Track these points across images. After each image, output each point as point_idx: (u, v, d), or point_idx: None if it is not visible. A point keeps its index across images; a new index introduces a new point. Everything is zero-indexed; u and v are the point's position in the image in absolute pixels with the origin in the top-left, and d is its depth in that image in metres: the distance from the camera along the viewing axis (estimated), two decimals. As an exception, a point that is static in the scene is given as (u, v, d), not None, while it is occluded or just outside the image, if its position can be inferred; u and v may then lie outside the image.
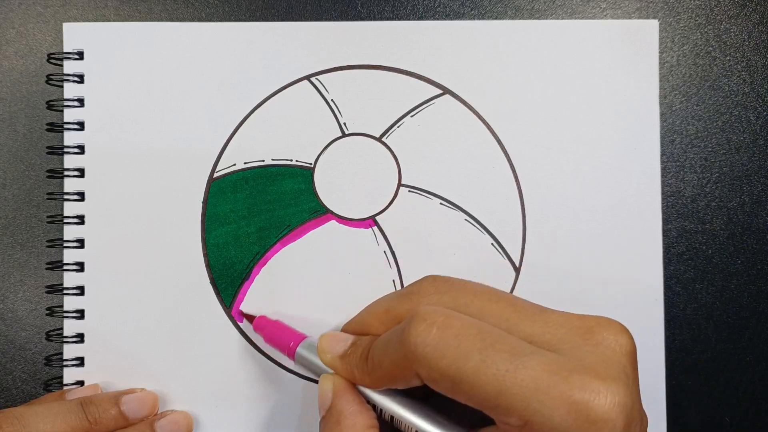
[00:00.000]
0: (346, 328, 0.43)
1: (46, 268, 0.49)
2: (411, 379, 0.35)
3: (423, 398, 0.38)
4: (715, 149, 0.49)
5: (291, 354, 0.43)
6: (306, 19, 0.49)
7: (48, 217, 0.49)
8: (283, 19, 0.50)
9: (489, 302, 0.36)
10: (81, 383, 0.49)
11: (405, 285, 0.48)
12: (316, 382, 0.42)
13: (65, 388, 0.48)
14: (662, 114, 0.49)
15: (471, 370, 0.32)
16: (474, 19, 0.49)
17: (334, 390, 0.39)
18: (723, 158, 0.49)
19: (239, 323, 0.49)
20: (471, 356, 0.32)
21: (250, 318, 0.47)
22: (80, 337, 0.49)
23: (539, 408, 0.31)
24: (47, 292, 0.49)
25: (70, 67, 0.50)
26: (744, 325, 0.49)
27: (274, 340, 0.45)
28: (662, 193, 0.49)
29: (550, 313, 0.36)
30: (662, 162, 0.49)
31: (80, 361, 0.49)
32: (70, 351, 0.49)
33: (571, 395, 0.31)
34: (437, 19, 0.49)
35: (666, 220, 0.49)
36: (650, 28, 0.49)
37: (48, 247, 0.50)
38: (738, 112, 0.49)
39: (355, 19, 0.50)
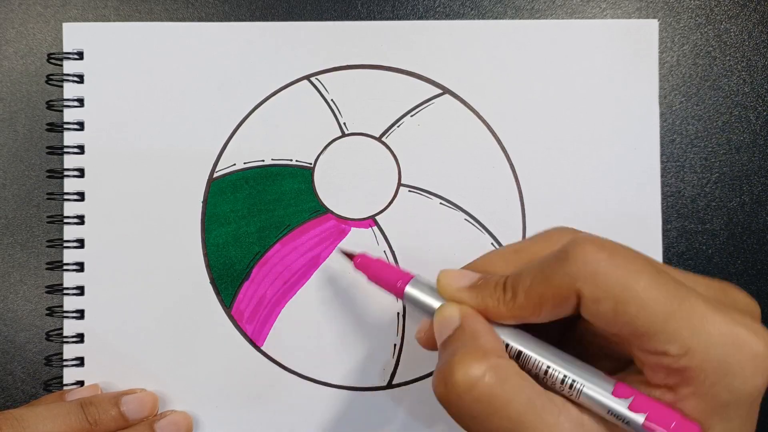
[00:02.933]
0: (468, 268, 0.39)
1: (46, 268, 0.49)
2: (564, 303, 0.33)
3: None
4: (715, 149, 0.49)
5: (399, 293, 0.39)
6: (306, 19, 0.49)
7: (48, 217, 0.49)
8: (283, 19, 0.50)
9: (637, 252, 0.35)
10: (81, 383, 0.49)
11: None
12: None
13: (65, 388, 0.49)
14: (662, 114, 0.49)
15: (641, 290, 0.31)
16: (474, 19, 0.49)
17: (462, 314, 0.36)
18: (723, 158, 0.49)
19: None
20: (641, 277, 0.31)
21: (350, 256, 0.44)
22: (80, 337, 0.49)
23: (704, 337, 0.30)
24: (47, 292, 0.49)
25: (69, 67, 0.50)
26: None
27: (380, 278, 0.41)
28: (662, 193, 0.49)
29: (692, 274, 0.35)
30: (662, 162, 0.49)
31: (80, 361, 0.49)
32: (70, 351, 0.49)
33: (734, 330, 0.30)
34: (437, 19, 0.49)
35: (666, 220, 0.49)
36: (650, 28, 0.49)
37: (48, 247, 0.50)
38: (738, 112, 0.49)
39: (355, 19, 0.50)
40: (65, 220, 0.49)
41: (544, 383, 0.34)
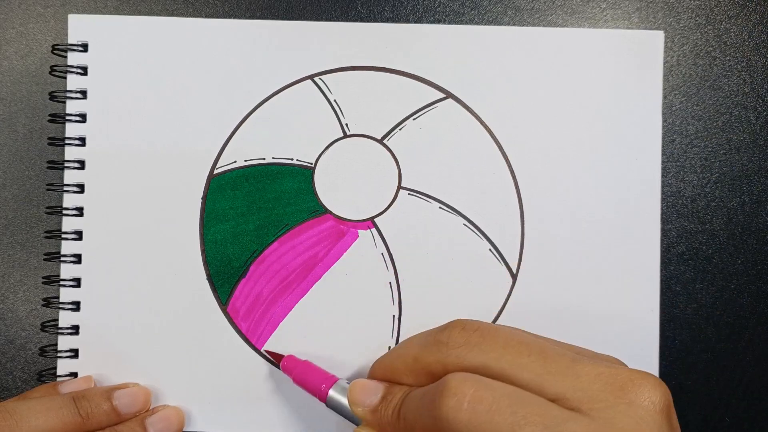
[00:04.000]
0: (373, 373, 0.43)
1: (44, 259, 0.49)
2: None
3: None
4: (715, 149, 0.49)
5: (323, 397, 0.43)
6: (306, 19, 0.50)
7: (47, 207, 0.49)
8: (283, 19, 0.50)
9: (520, 356, 0.36)
10: (74, 375, 0.49)
11: (402, 289, 0.49)
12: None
13: (58, 379, 0.48)
14: (662, 114, 0.49)
15: None
16: (474, 19, 0.49)
17: None
18: (723, 158, 0.49)
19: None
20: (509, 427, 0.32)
21: (278, 357, 0.47)
22: (75, 329, 0.49)
23: None
24: (44, 283, 0.49)
25: (74, 58, 0.50)
26: (744, 325, 0.48)
27: (304, 381, 0.45)
28: (662, 193, 0.48)
29: (582, 366, 0.35)
30: (662, 162, 0.48)
31: (74, 353, 0.49)
32: (64, 342, 0.49)
33: None
34: (437, 19, 0.49)
35: (666, 220, 0.49)
36: (655, 40, 0.49)
37: (46, 238, 0.50)
38: (738, 112, 0.49)
39: (355, 19, 0.50)
40: (64, 211, 0.49)
41: None
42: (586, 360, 0.35)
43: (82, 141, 0.49)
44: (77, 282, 0.49)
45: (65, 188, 0.49)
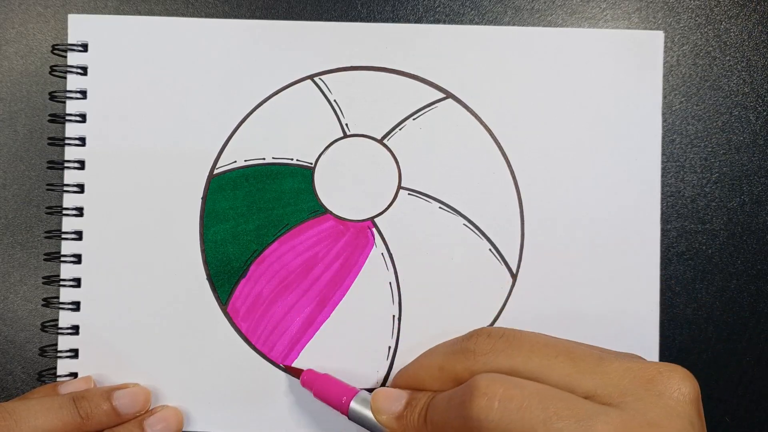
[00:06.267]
0: (397, 382, 0.44)
1: (44, 259, 0.49)
2: None
3: None
4: (715, 149, 0.49)
5: (344, 410, 0.43)
6: (306, 19, 0.50)
7: (47, 207, 0.49)
8: (282, 19, 0.50)
9: (547, 358, 0.36)
10: (74, 375, 0.49)
11: (402, 289, 0.49)
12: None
13: (58, 380, 0.48)
14: (662, 114, 0.49)
15: None
16: (474, 19, 0.49)
17: None
18: (723, 158, 0.49)
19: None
20: (536, 429, 0.32)
21: (297, 372, 0.47)
22: (75, 329, 0.49)
23: None
24: (44, 283, 0.49)
25: (74, 58, 0.50)
26: (744, 325, 0.48)
27: (325, 395, 0.45)
28: (662, 193, 0.48)
29: (609, 362, 0.35)
30: (662, 162, 0.48)
31: (74, 353, 0.49)
32: (64, 342, 0.49)
33: None
34: (437, 19, 0.49)
35: (666, 220, 0.49)
36: (655, 40, 0.49)
37: (46, 238, 0.50)
38: (738, 112, 0.49)
39: (355, 19, 0.50)
40: (64, 211, 0.49)
41: None
42: (612, 357, 0.36)
43: (82, 141, 0.49)
44: (77, 282, 0.49)
45: (65, 188, 0.49)
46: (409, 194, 0.49)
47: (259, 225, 0.49)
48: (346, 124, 0.49)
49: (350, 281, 0.49)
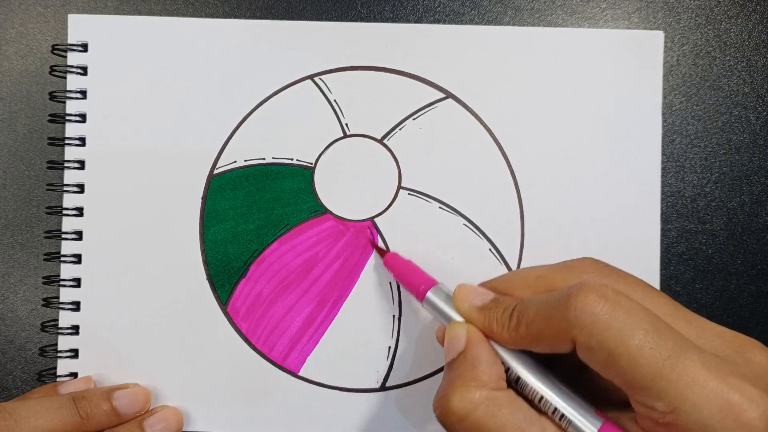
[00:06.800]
0: (486, 285, 0.42)
1: (44, 259, 0.49)
2: (560, 343, 0.34)
3: (551, 368, 0.38)
4: (715, 149, 0.49)
5: (420, 296, 0.43)
6: (306, 19, 0.50)
7: (47, 207, 0.49)
8: (282, 19, 0.50)
9: (650, 295, 0.36)
10: (74, 375, 0.49)
11: (402, 289, 0.49)
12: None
13: (58, 380, 0.49)
14: (662, 114, 0.49)
15: (634, 348, 0.31)
16: (474, 19, 0.49)
17: (468, 336, 0.38)
18: (723, 158, 0.49)
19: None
20: (636, 334, 0.32)
21: (382, 252, 0.48)
22: (75, 329, 0.49)
23: (692, 399, 0.31)
24: (44, 283, 0.49)
25: (74, 58, 0.50)
26: (744, 325, 0.48)
27: (405, 279, 0.45)
28: (662, 193, 0.48)
29: (706, 322, 0.35)
30: (662, 162, 0.49)
31: (74, 353, 0.49)
32: (64, 342, 0.49)
33: (726, 394, 0.31)
34: (437, 19, 0.49)
35: (666, 220, 0.49)
36: (655, 40, 0.49)
37: (46, 238, 0.50)
38: (738, 112, 0.49)
39: (355, 20, 0.50)
40: (64, 211, 0.49)
41: (539, 409, 0.36)
42: (707, 320, 0.36)
43: (82, 141, 0.49)
44: (77, 282, 0.49)
45: (65, 188, 0.49)
46: (409, 194, 0.49)
47: (259, 225, 0.49)
48: (346, 124, 0.49)
49: (353, 282, 0.49)
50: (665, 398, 0.31)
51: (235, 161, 0.49)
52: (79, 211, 0.49)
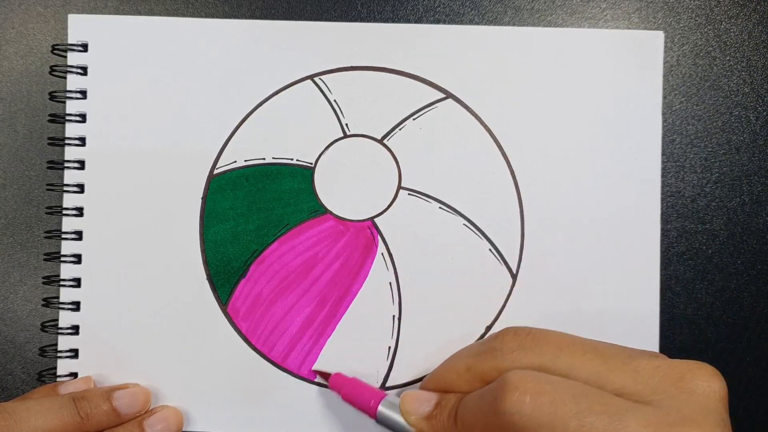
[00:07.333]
0: (425, 386, 0.43)
1: (44, 259, 0.49)
2: None
3: None
4: (715, 149, 0.49)
5: (372, 413, 0.43)
6: (306, 19, 0.50)
7: (47, 207, 0.49)
8: (282, 19, 0.50)
9: (575, 356, 0.36)
10: (74, 375, 0.49)
11: (402, 289, 0.49)
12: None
13: (58, 380, 0.48)
14: (662, 114, 0.49)
15: None
16: (474, 19, 0.49)
17: None
18: (723, 158, 0.49)
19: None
20: (568, 423, 0.32)
21: (325, 375, 0.48)
22: (75, 329, 0.49)
23: None
24: (44, 283, 0.49)
25: (74, 58, 0.50)
26: (744, 325, 0.48)
27: (353, 398, 0.45)
28: (662, 194, 0.48)
29: (639, 361, 0.35)
30: (662, 162, 0.49)
31: (74, 353, 0.49)
32: (64, 342, 0.49)
33: None
34: (437, 19, 0.49)
35: (666, 220, 0.49)
36: (655, 40, 0.49)
37: (46, 238, 0.50)
38: (738, 112, 0.49)
39: (355, 20, 0.50)
40: (64, 211, 0.49)
41: None
42: (639, 355, 0.36)
43: (82, 141, 0.49)
44: (77, 282, 0.49)
45: (65, 188, 0.49)
46: (409, 194, 0.49)
47: (259, 225, 0.49)
48: (346, 124, 0.49)
49: (353, 282, 0.49)
50: None
51: (235, 161, 0.49)
52: (79, 211, 0.49)
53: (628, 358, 0.35)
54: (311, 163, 0.49)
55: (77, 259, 0.49)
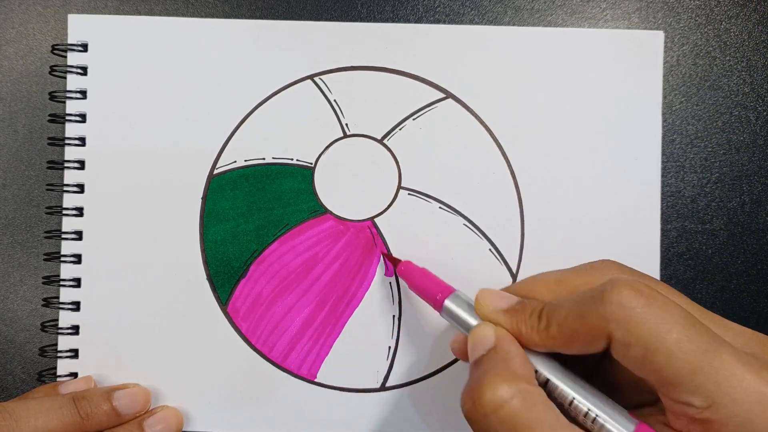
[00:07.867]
0: (507, 290, 0.41)
1: (44, 259, 0.49)
2: (595, 341, 0.34)
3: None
4: (715, 149, 0.49)
5: (438, 305, 0.42)
6: (306, 19, 0.50)
7: (47, 207, 0.49)
8: (282, 19, 0.50)
9: (674, 295, 0.36)
10: (74, 375, 0.49)
11: (402, 289, 0.49)
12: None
13: (58, 380, 0.48)
14: (662, 114, 0.49)
15: (672, 342, 0.31)
16: (474, 19, 0.49)
17: (497, 336, 0.37)
18: (723, 158, 0.49)
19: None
20: (674, 328, 0.31)
21: (395, 261, 0.47)
22: (75, 329, 0.49)
23: (731, 393, 0.30)
24: (44, 283, 0.49)
25: (73, 58, 0.50)
26: (744, 325, 0.48)
27: (420, 288, 0.44)
28: (662, 194, 0.48)
29: (727, 322, 0.36)
30: (662, 162, 0.49)
31: (74, 353, 0.49)
32: (64, 342, 0.49)
33: (764, 388, 0.30)
34: (437, 19, 0.49)
35: (666, 220, 0.49)
36: (655, 40, 0.49)
37: (46, 238, 0.50)
38: (738, 112, 0.49)
39: (355, 19, 0.50)
40: (64, 211, 0.49)
41: (568, 414, 0.35)
42: (726, 319, 0.36)
43: (82, 141, 0.49)
44: (77, 282, 0.49)
45: (65, 188, 0.49)
46: (409, 194, 0.49)
47: (259, 225, 0.49)
48: (346, 124, 0.49)
49: (353, 282, 0.49)
50: (703, 393, 0.31)
51: (235, 161, 0.49)
52: (79, 211, 0.49)
53: (719, 317, 0.36)
54: (311, 163, 0.49)
55: (77, 259, 0.49)
